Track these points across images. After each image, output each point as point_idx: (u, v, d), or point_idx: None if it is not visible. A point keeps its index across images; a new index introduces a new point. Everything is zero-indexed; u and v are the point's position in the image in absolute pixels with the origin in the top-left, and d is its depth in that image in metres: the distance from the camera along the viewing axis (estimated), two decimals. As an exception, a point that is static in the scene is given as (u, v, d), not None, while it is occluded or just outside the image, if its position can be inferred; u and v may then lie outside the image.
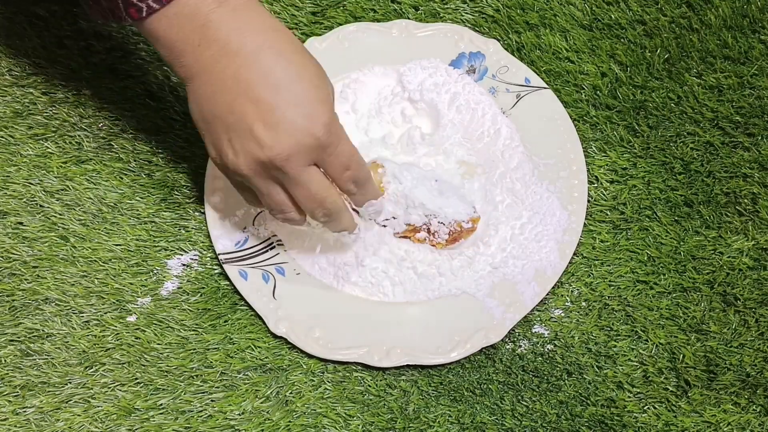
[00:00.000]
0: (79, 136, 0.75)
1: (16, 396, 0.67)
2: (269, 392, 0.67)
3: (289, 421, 0.66)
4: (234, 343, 0.68)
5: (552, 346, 0.67)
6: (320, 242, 0.70)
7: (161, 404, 0.66)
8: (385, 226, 0.69)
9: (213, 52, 0.55)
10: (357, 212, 0.66)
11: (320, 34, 0.78)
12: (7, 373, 0.68)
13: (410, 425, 0.65)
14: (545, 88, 0.75)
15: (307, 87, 0.56)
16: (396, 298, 0.69)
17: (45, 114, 0.76)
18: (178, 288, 0.70)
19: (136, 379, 0.67)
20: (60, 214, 0.72)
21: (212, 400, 0.66)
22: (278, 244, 0.71)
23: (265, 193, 0.60)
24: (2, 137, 0.75)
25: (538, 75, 0.75)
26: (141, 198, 0.73)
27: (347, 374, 0.67)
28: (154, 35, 0.56)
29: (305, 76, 0.57)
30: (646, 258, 0.70)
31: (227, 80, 0.55)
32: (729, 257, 0.69)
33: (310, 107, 0.56)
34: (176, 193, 0.73)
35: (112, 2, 0.55)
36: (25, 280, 0.70)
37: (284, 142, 0.55)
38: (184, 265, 0.71)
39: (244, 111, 0.55)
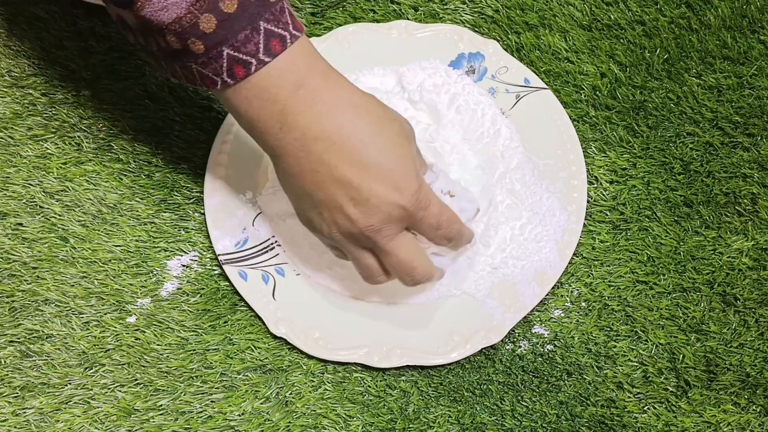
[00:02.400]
0: (78, 137, 0.75)
1: (15, 397, 0.67)
2: (269, 393, 0.67)
3: (289, 422, 0.66)
4: (234, 344, 0.68)
5: (552, 347, 0.67)
6: (318, 244, 0.70)
7: (161, 405, 0.66)
8: None
9: (295, 137, 0.56)
10: None
11: (320, 35, 0.78)
12: (7, 374, 0.68)
13: (410, 426, 0.65)
14: (545, 88, 0.75)
15: (392, 159, 0.57)
16: (396, 298, 0.69)
17: (44, 115, 0.76)
18: (178, 289, 0.70)
19: (136, 379, 0.67)
20: (59, 215, 0.72)
21: (212, 401, 0.66)
22: (278, 245, 0.71)
23: (355, 257, 0.61)
24: (2, 138, 0.75)
25: (537, 75, 0.75)
26: (141, 199, 0.73)
27: (347, 375, 0.67)
28: (236, 110, 0.57)
29: (388, 149, 0.57)
30: (645, 258, 0.70)
31: (313, 163, 0.56)
32: (729, 257, 0.69)
33: (397, 180, 0.57)
34: (176, 193, 0.73)
35: (187, 69, 0.56)
36: (25, 281, 0.70)
37: (374, 216, 0.57)
38: (183, 265, 0.71)
39: (332, 191, 0.57)
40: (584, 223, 0.70)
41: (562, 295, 0.69)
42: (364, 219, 0.57)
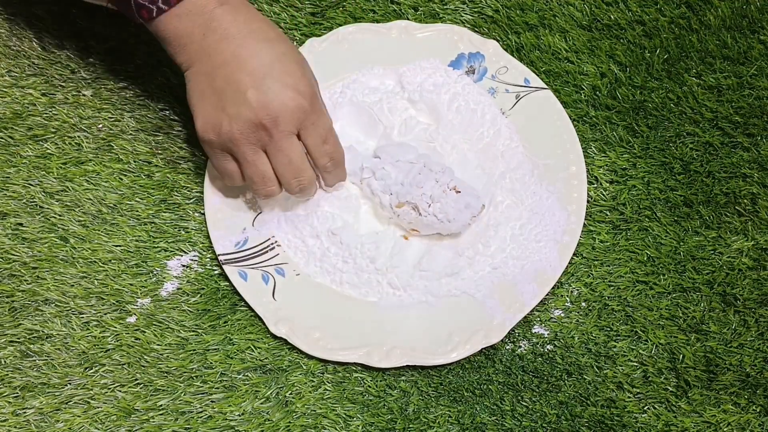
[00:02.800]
0: (78, 137, 0.75)
1: (15, 397, 0.67)
2: (269, 393, 0.67)
3: (289, 422, 0.66)
4: (234, 344, 0.68)
5: (552, 347, 0.67)
6: (319, 244, 0.70)
7: (161, 405, 0.66)
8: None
9: (215, 38, 0.65)
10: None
11: (320, 35, 0.78)
12: (7, 374, 0.68)
13: (410, 426, 0.65)
14: (545, 88, 0.75)
15: (293, 65, 0.66)
16: (396, 298, 0.69)
17: (44, 115, 0.76)
18: (178, 289, 0.70)
19: (136, 379, 0.67)
20: (59, 215, 0.72)
21: (212, 401, 0.66)
22: (278, 245, 0.71)
23: (250, 160, 0.66)
24: (2, 138, 0.75)
25: (537, 75, 0.75)
26: (141, 199, 0.73)
27: (347, 375, 0.67)
28: (162, 32, 0.65)
29: (291, 57, 0.66)
30: (645, 258, 0.70)
31: (227, 57, 0.64)
32: (729, 257, 0.69)
33: (296, 80, 0.65)
34: (176, 194, 0.73)
35: (124, 3, 0.65)
36: (25, 281, 0.70)
37: (273, 103, 0.64)
38: (183, 265, 0.71)
39: (239, 80, 0.64)
40: (584, 223, 0.70)
41: (562, 295, 0.69)
42: (264, 107, 0.64)
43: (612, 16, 0.78)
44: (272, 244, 0.71)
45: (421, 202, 0.68)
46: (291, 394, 0.67)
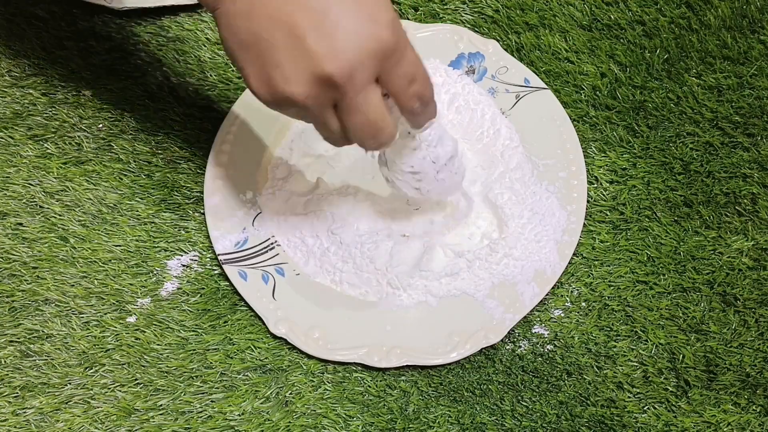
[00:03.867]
0: (78, 137, 0.75)
1: (15, 397, 0.67)
2: (269, 393, 0.67)
3: (289, 422, 0.66)
4: (234, 344, 0.68)
5: (552, 347, 0.67)
6: (319, 243, 0.70)
7: (161, 405, 0.66)
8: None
9: None
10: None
11: (320, 35, 0.78)
12: (7, 374, 0.68)
13: (410, 426, 0.65)
14: (545, 88, 0.75)
15: None
16: (396, 298, 0.69)
17: (44, 115, 0.76)
18: (178, 289, 0.70)
19: (136, 379, 0.67)
20: (60, 215, 0.72)
21: (212, 401, 0.66)
22: (278, 245, 0.71)
23: (316, 122, 0.53)
24: (2, 138, 0.75)
25: (537, 75, 0.75)
26: (141, 199, 0.73)
27: (347, 375, 0.67)
28: None
29: None
30: (645, 258, 0.70)
31: None
32: (729, 257, 0.69)
33: (372, 8, 0.48)
34: (176, 193, 0.73)
35: None
36: (25, 281, 0.70)
37: (345, 51, 0.48)
38: (183, 265, 0.71)
39: (292, 21, 0.47)
40: (584, 223, 0.70)
41: (562, 295, 0.69)
42: (332, 56, 0.47)
43: (612, 16, 0.78)
44: (272, 243, 0.71)
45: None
46: (291, 394, 0.67)
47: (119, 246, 0.71)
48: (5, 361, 0.68)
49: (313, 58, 0.47)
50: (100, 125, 0.76)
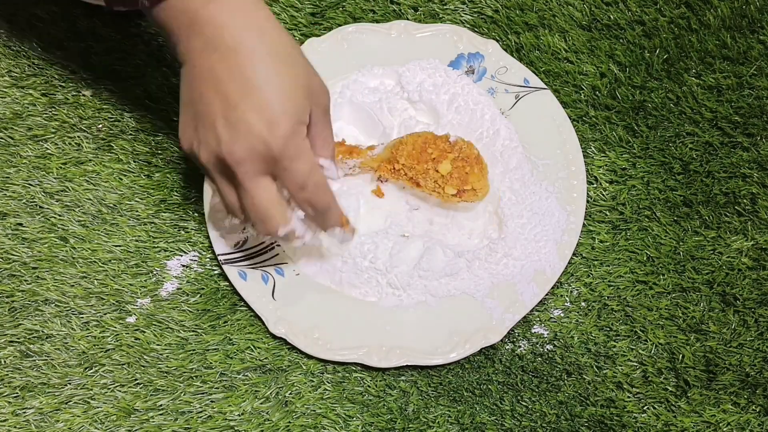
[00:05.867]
0: (78, 137, 0.75)
1: (15, 397, 0.67)
2: (269, 393, 0.67)
3: (289, 422, 0.66)
4: (233, 344, 0.68)
5: (551, 347, 0.67)
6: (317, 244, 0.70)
7: (161, 405, 0.66)
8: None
9: (198, 45, 0.57)
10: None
11: (319, 35, 0.78)
12: (7, 374, 0.68)
13: (410, 425, 0.65)
14: (544, 88, 0.75)
15: (276, 95, 0.57)
16: (395, 298, 0.69)
17: (44, 115, 0.76)
18: (178, 289, 0.70)
19: (136, 379, 0.67)
20: (59, 215, 0.72)
21: (212, 401, 0.66)
22: (277, 245, 0.71)
23: (218, 187, 0.61)
24: (2, 138, 0.75)
25: (537, 75, 0.75)
26: (140, 199, 0.73)
27: (347, 375, 0.67)
28: (159, 23, 0.59)
29: (277, 84, 0.57)
30: (645, 258, 0.70)
31: (204, 71, 0.57)
32: (728, 257, 0.69)
33: (272, 115, 0.56)
34: (175, 194, 0.73)
35: None
36: (25, 281, 0.70)
37: (239, 142, 0.56)
38: (183, 265, 0.71)
39: (211, 103, 0.57)
40: (584, 223, 0.70)
41: (561, 295, 0.69)
42: (229, 144, 0.56)
43: (612, 16, 0.78)
44: (272, 243, 0.71)
45: None
46: (291, 394, 0.67)
47: (119, 246, 0.71)
48: (5, 361, 0.68)
49: (216, 138, 0.57)
50: (100, 125, 0.76)
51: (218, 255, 0.70)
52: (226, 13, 0.57)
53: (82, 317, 0.69)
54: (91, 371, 0.68)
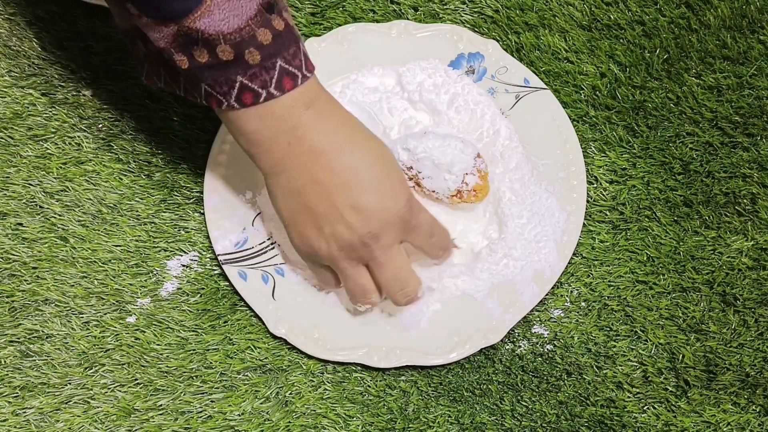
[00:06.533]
0: (78, 137, 0.75)
1: (15, 397, 0.67)
2: (269, 393, 0.67)
3: (289, 422, 0.66)
4: (234, 344, 0.68)
5: (551, 347, 0.67)
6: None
7: (161, 405, 0.66)
8: None
9: (303, 150, 0.60)
10: None
11: (319, 35, 0.78)
12: (7, 374, 0.68)
13: (410, 426, 0.65)
14: (544, 88, 0.75)
15: (385, 173, 0.62)
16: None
17: (44, 115, 0.76)
18: (178, 289, 0.70)
19: (136, 379, 0.67)
20: (59, 215, 0.72)
21: (212, 401, 0.66)
22: (278, 245, 0.71)
23: (349, 276, 0.63)
24: (2, 138, 0.75)
25: (537, 75, 0.75)
26: (140, 199, 0.73)
27: (347, 375, 0.67)
28: (239, 128, 0.60)
29: (381, 163, 0.62)
30: (645, 258, 0.70)
31: (317, 174, 0.60)
32: (728, 257, 0.69)
33: (392, 187, 0.61)
34: (176, 193, 0.73)
35: (193, 88, 0.59)
36: (25, 281, 0.70)
37: (373, 222, 0.60)
38: (183, 265, 0.71)
39: (334, 200, 0.60)
40: (584, 223, 0.70)
41: (561, 295, 0.69)
42: (364, 225, 0.60)
43: (612, 16, 0.78)
44: (272, 243, 0.71)
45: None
46: (291, 393, 0.67)
47: (119, 246, 0.71)
48: (5, 361, 0.68)
49: (350, 227, 0.60)
50: (100, 125, 0.76)
51: (218, 255, 0.70)
52: (323, 117, 0.60)
53: (82, 317, 0.69)
54: (91, 371, 0.68)
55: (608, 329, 0.68)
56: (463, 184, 0.68)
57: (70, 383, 0.67)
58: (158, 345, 0.68)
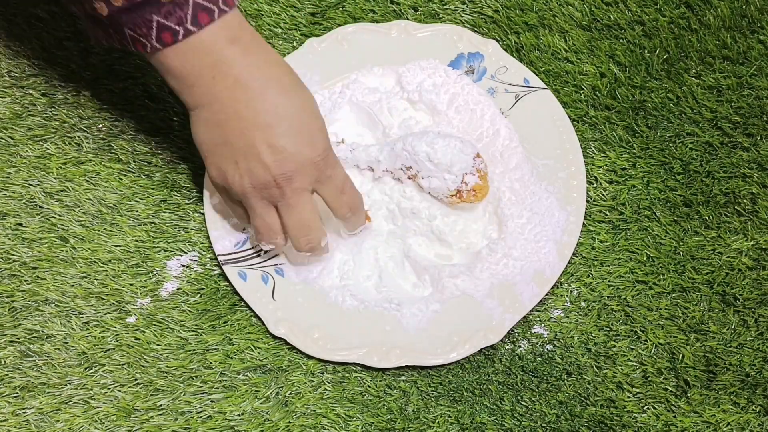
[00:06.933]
0: (78, 137, 0.75)
1: (15, 397, 0.67)
2: (269, 393, 0.67)
3: (289, 422, 0.66)
4: (233, 344, 0.68)
5: (551, 347, 0.68)
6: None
7: (161, 405, 0.66)
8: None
9: (227, 85, 0.61)
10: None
11: (319, 35, 0.78)
12: (7, 374, 0.68)
13: (410, 426, 0.65)
14: (544, 88, 0.75)
15: (308, 118, 0.63)
16: (395, 299, 0.69)
17: (44, 115, 0.76)
18: (178, 289, 0.70)
19: (136, 379, 0.67)
20: (59, 215, 0.72)
21: (212, 401, 0.66)
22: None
23: (258, 213, 0.64)
24: (2, 138, 0.75)
25: (537, 75, 0.75)
26: (140, 199, 0.73)
27: (347, 375, 0.67)
28: (165, 67, 0.61)
29: (306, 109, 0.63)
30: (645, 258, 0.70)
31: (240, 109, 0.61)
32: (728, 257, 0.69)
33: (311, 134, 0.62)
34: (176, 194, 0.73)
35: (119, 35, 0.60)
36: (25, 281, 0.70)
37: (287, 161, 0.61)
38: (183, 265, 0.71)
39: (253, 136, 0.61)
40: (584, 223, 0.70)
41: (561, 295, 0.69)
42: (278, 166, 0.61)
43: (612, 16, 0.78)
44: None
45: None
46: (291, 394, 0.67)
47: (119, 246, 0.71)
48: (5, 361, 0.68)
49: (265, 165, 0.61)
50: (100, 125, 0.76)
51: (218, 255, 0.70)
52: (250, 53, 0.61)
53: (82, 317, 0.69)
54: (91, 371, 0.68)
55: (608, 329, 0.68)
56: (463, 184, 0.68)
57: (70, 383, 0.67)
58: (158, 345, 0.68)
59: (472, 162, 0.68)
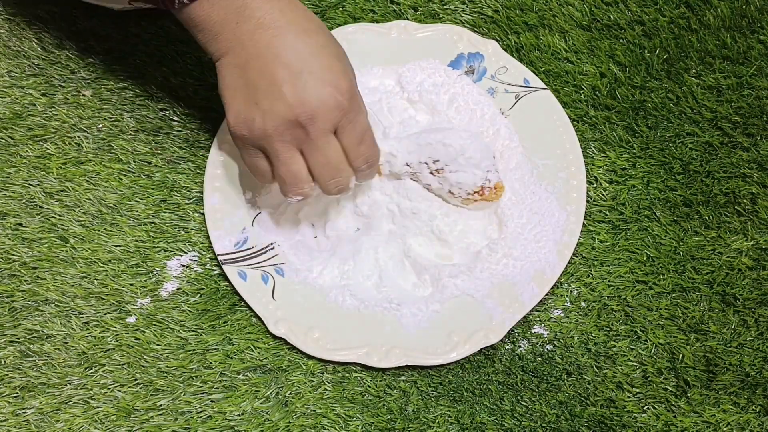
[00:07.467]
0: (78, 137, 0.75)
1: (15, 397, 0.67)
2: (269, 393, 0.67)
3: (289, 422, 0.66)
4: (233, 344, 0.68)
5: (551, 347, 0.67)
6: (318, 244, 0.70)
7: (161, 405, 0.66)
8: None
9: (249, 27, 0.61)
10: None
11: (319, 35, 0.78)
12: (7, 374, 0.68)
13: (410, 426, 0.65)
14: (544, 88, 0.75)
15: (332, 59, 0.62)
16: (395, 299, 0.69)
17: (44, 115, 0.76)
18: (178, 289, 0.70)
19: (136, 379, 0.67)
20: (59, 215, 0.72)
21: (212, 401, 0.66)
22: (277, 245, 0.71)
23: (282, 159, 0.62)
24: (2, 138, 0.75)
25: (537, 75, 0.75)
26: (140, 199, 0.73)
27: (347, 375, 0.67)
28: (193, 20, 0.61)
29: (330, 50, 0.62)
30: (645, 258, 0.70)
31: (261, 49, 0.60)
32: (728, 257, 0.69)
33: (335, 75, 0.61)
34: (175, 194, 0.73)
35: None
36: (25, 281, 0.70)
37: (310, 99, 0.60)
38: (183, 265, 0.71)
39: (275, 74, 0.60)
40: (584, 223, 0.70)
41: (561, 295, 0.69)
42: (301, 104, 0.60)
43: (612, 16, 0.78)
44: (272, 243, 0.71)
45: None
46: (291, 394, 0.67)
47: (119, 246, 0.71)
48: (5, 361, 0.68)
49: (286, 102, 0.60)
50: (100, 125, 0.76)
51: (218, 255, 0.70)
52: None
53: (82, 317, 0.69)
54: (91, 371, 0.68)
55: (608, 329, 0.68)
56: (487, 181, 0.68)
57: (70, 383, 0.67)
58: (158, 345, 0.68)
59: (493, 161, 0.69)
